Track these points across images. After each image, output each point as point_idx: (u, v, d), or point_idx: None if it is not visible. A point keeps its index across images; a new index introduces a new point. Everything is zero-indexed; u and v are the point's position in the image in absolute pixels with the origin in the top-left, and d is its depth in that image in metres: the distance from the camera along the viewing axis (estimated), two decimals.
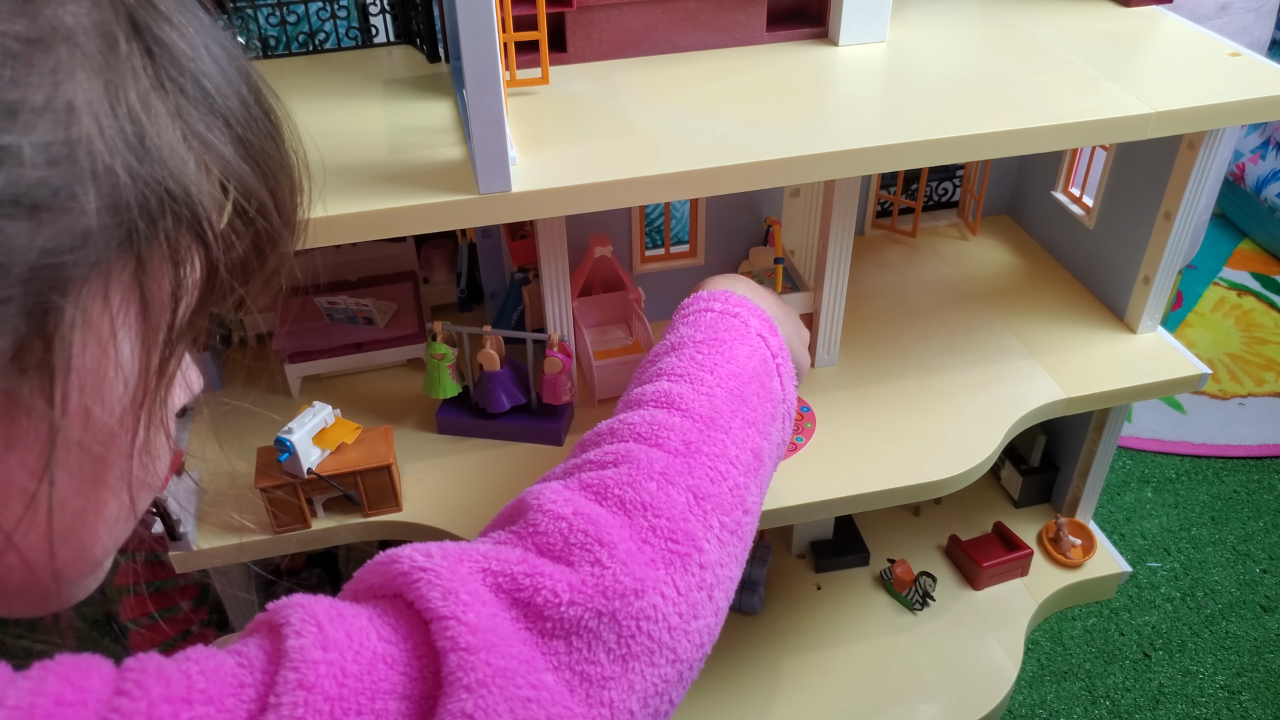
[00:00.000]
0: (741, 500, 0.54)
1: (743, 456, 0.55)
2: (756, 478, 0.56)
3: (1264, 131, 1.96)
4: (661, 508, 0.49)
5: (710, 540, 0.50)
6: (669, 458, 0.52)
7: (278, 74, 0.82)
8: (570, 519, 0.47)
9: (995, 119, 0.70)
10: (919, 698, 0.94)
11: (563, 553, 0.46)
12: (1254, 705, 1.09)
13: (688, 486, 0.51)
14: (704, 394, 0.57)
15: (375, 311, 0.91)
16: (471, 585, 0.43)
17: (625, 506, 0.49)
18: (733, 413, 0.56)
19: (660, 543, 0.48)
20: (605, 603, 0.45)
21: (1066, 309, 0.98)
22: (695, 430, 0.54)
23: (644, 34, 0.80)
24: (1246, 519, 1.32)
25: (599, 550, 0.46)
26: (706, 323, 0.62)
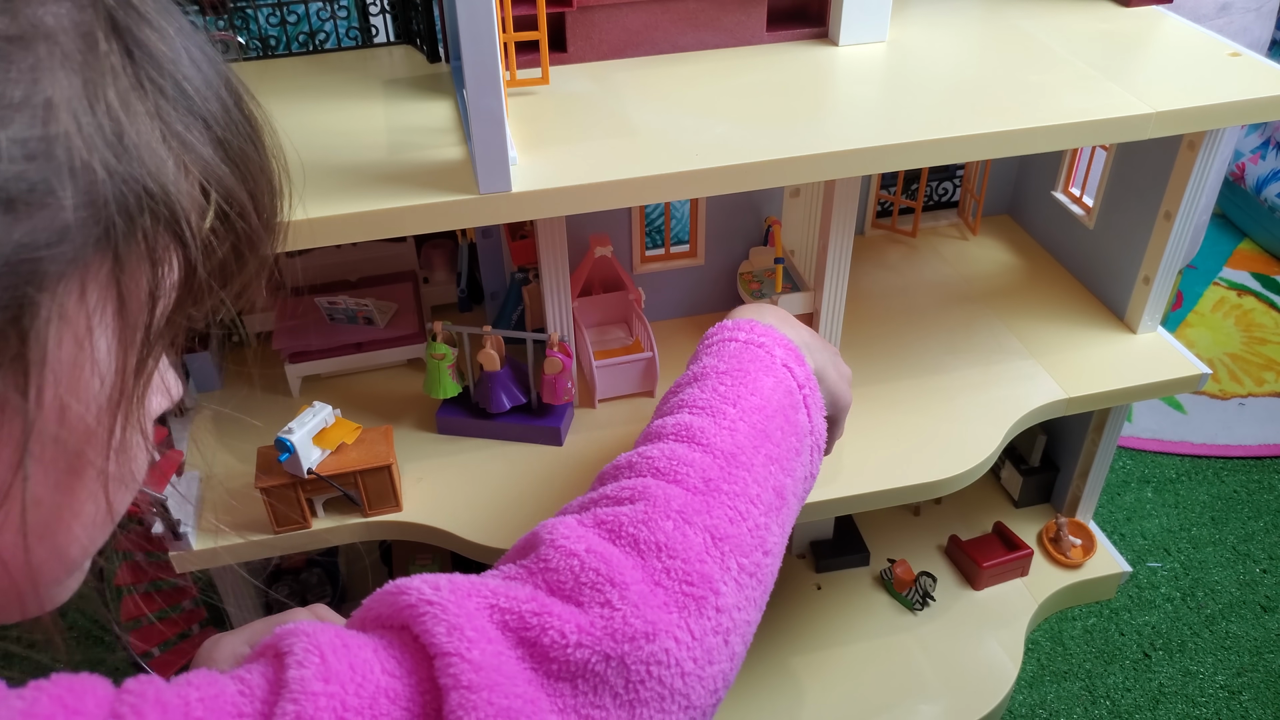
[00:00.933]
0: (762, 541, 0.52)
1: (764, 495, 0.54)
2: (778, 517, 0.54)
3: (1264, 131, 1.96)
4: (677, 548, 0.48)
5: (728, 583, 0.49)
6: (687, 495, 0.51)
7: (278, 74, 0.83)
8: (583, 556, 0.46)
9: (995, 119, 0.70)
10: (919, 698, 0.94)
11: (573, 592, 0.45)
12: (1254, 705, 1.09)
13: (706, 526, 0.50)
14: (726, 428, 0.55)
15: (375, 311, 0.91)
16: (478, 621, 0.42)
17: (639, 546, 0.48)
18: (755, 448, 0.55)
19: (675, 585, 0.47)
20: (614, 646, 0.43)
21: (1066, 309, 0.98)
22: (715, 467, 0.53)
23: (644, 34, 0.80)
24: (1247, 519, 1.32)
25: (610, 591, 0.45)
26: (730, 353, 0.61)
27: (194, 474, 0.79)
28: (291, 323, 0.92)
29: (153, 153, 0.32)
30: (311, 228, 0.61)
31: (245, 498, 0.77)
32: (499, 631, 0.43)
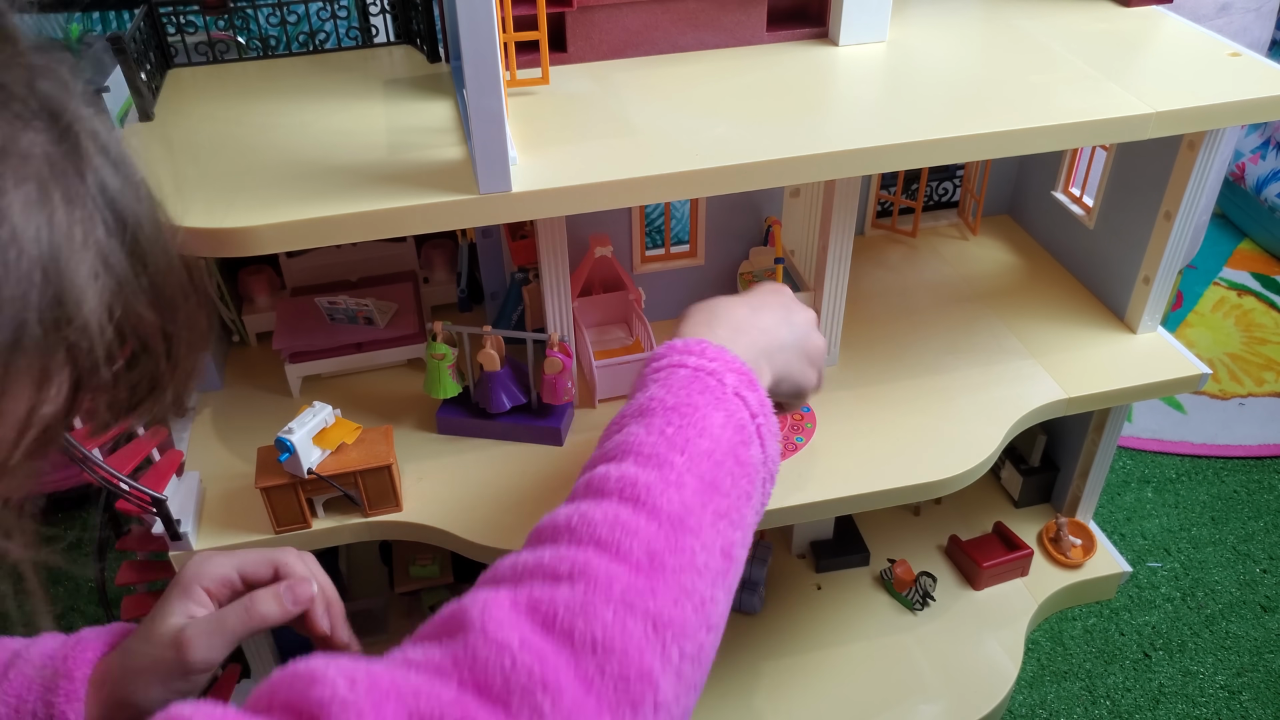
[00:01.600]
0: (706, 618, 0.49)
1: (712, 563, 0.50)
2: (725, 581, 0.51)
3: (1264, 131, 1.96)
4: (614, 644, 0.44)
5: (668, 676, 0.45)
6: (630, 576, 0.47)
7: (278, 74, 0.83)
8: (515, 653, 0.43)
9: (995, 119, 0.70)
10: (919, 698, 0.94)
11: (502, 694, 0.42)
12: (1254, 705, 1.09)
13: (647, 614, 0.46)
14: (673, 483, 0.51)
15: (375, 311, 0.91)
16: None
17: (574, 642, 0.44)
18: (703, 506, 0.52)
19: (607, 685, 0.43)
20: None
21: (1067, 309, 0.98)
22: (661, 537, 0.49)
23: (644, 34, 0.80)
24: (1247, 519, 1.32)
25: (541, 697, 0.41)
26: (678, 382, 0.57)
27: (194, 474, 0.79)
28: (291, 323, 0.92)
29: (79, 281, 0.33)
30: (311, 228, 0.61)
31: (245, 498, 0.78)
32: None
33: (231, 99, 0.78)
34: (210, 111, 0.76)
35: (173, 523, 0.72)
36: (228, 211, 0.61)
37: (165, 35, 0.82)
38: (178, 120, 0.75)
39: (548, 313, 0.81)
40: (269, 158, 0.68)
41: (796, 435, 0.83)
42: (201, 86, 0.81)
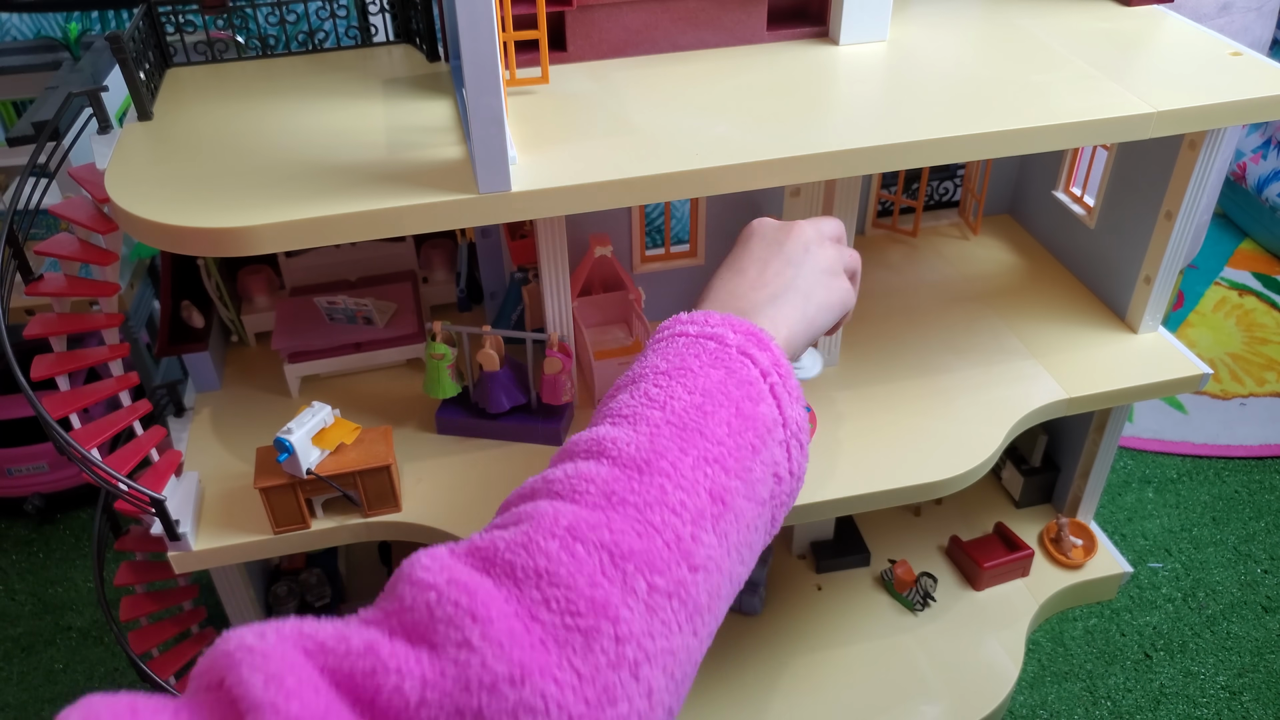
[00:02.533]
0: (687, 554, 0.44)
1: (692, 501, 0.46)
2: (717, 525, 0.47)
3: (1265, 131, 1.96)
4: (560, 573, 0.41)
5: (632, 606, 0.41)
6: (579, 510, 0.44)
7: (277, 73, 0.82)
8: (441, 588, 0.40)
9: (996, 118, 0.70)
10: (920, 698, 0.93)
11: (427, 631, 0.39)
12: (1255, 706, 1.09)
13: (600, 544, 0.42)
14: (645, 434, 0.48)
15: (375, 311, 0.91)
16: (302, 671, 0.36)
17: (515, 574, 0.41)
18: (681, 450, 0.48)
19: (554, 617, 0.40)
20: (467, 698, 0.37)
21: (1067, 309, 0.98)
22: (620, 478, 0.46)
23: (644, 33, 0.80)
24: (1248, 519, 1.31)
25: (470, 627, 0.38)
26: (675, 350, 0.54)
27: (193, 474, 0.79)
28: (290, 323, 0.91)
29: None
30: (311, 227, 0.61)
31: (244, 498, 0.77)
32: (331, 688, 0.37)
33: (230, 98, 0.78)
34: (209, 111, 0.76)
35: (171, 523, 0.72)
36: (227, 211, 0.61)
37: (164, 34, 0.82)
38: (176, 119, 0.75)
39: (547, 313, 0.81)
40: (268, 157, 0.68)
41: None
42: (200, 86, 0.81)
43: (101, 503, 0.86)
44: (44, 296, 0.74)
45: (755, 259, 0.61)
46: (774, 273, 0.60)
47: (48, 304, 0.76)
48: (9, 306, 0.71)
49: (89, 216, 0.74)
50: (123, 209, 0.63)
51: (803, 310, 0.59)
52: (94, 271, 0.78)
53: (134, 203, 0.63)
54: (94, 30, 1.53)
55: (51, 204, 0.76)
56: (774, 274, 0.60)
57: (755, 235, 0.63)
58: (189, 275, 0.91)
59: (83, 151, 0.88)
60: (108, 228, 0.74)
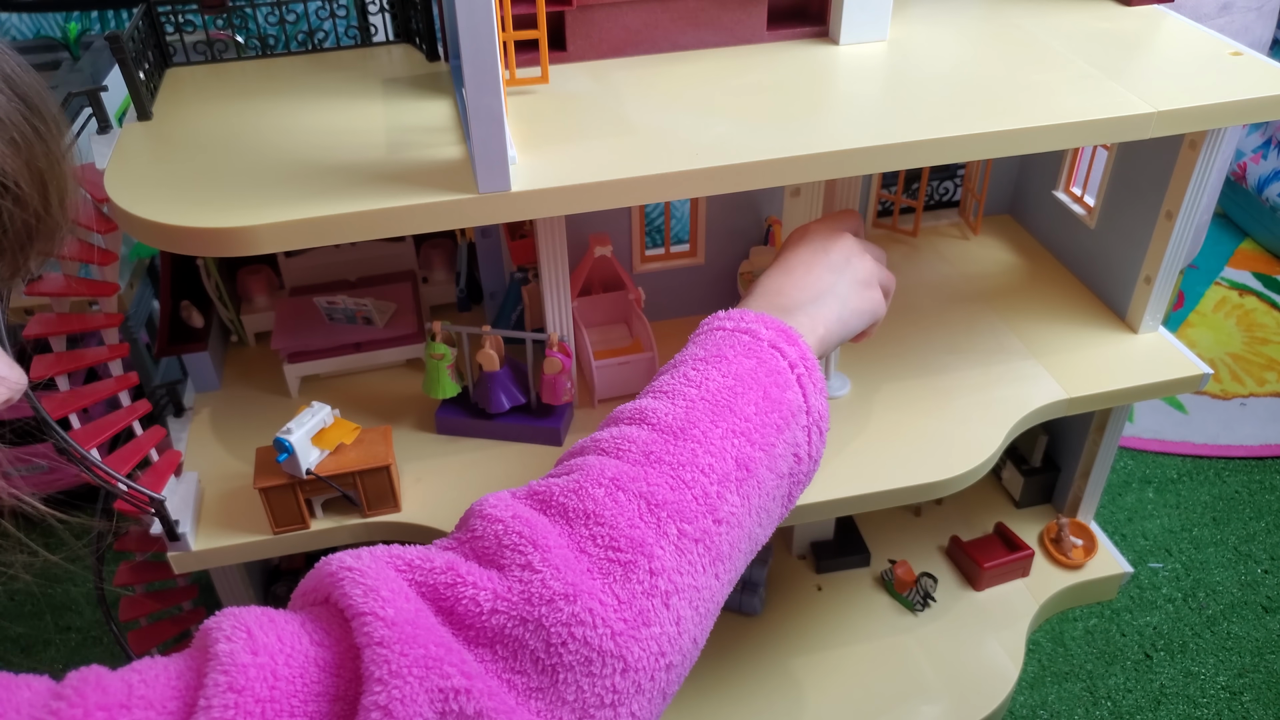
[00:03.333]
0: (713, 508, 0.51)
1: (719, 465, 0.53)
2: (740, 487, 0.53)
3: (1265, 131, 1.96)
4: (605, 515, 0.48)
5: (664, 547, 0.48)
6: (623, 465, 0.51)
7: (277, 73, 0.82)
8: (508, 522, 0.47)
9: (996, 118, 0.70)
10: (920, 699, 0.93)
11: (495, 555, 0.46)
12: (1255, 706, 1.09)
13: (639, 493, 0.50)
14: (681, 407, 0.55)
15: (374, 311, 0.91)
16: (394, 584, 0.43)
17: (567, 514, 0.48)
18: (712, 422, 0.54)
19: (600, 551, 0.47)
20: (530, 610, 0.44)
21: (1068, 309, 0.98)
22: (658, 441, 0.53)
23: (644, 33, 0.80)
24: (1248, 519, 1.31)
25: (532, 554, 0.45)
26: (714, 341, 0.61)
27: (192, 474, 0.79)
28: (290, 323, 0.91)
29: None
30: (310, 227, 0.61)
31: (244, 498, 0.77)
32: (418, 595, 0.44)
33: (230, 98, 0.78)
34: (208, 111, 0.76)
35: (171, 523, 0.72)
36: (226, 211, 0.61)
37: (163, 34, 0.82)
38: (176, 119, 0.75)
39: (547, 313, 0.81)
40: (267, 157, 0.68)
41: None
42: (200, 86, 0.80)
43: (101, 503, 0.86)
44: (43, 296, 0.74)
45: (802, 261, 0.69)
46: (816, 277, 0.67)
47: (47, 304, 0.75)
48: (8, 306, 0.71)
49: (88, 216, 0.74)
50: (122, 209, 0.63)
51: (839, 313, 0.67)
52: (93, 271, 0.78)
53: (133, 202, 0.63)
54: (93, 30, 1.53)
55: None
56: (816, 278, 0.67)
57: (805, 240, 0.71)
58: (189, 275, 0.91)
59: (82, 151, 0.88)
60: (107, 227, 0.74)
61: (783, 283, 0.67)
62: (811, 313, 0.65)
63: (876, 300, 0.71)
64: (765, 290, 0.67)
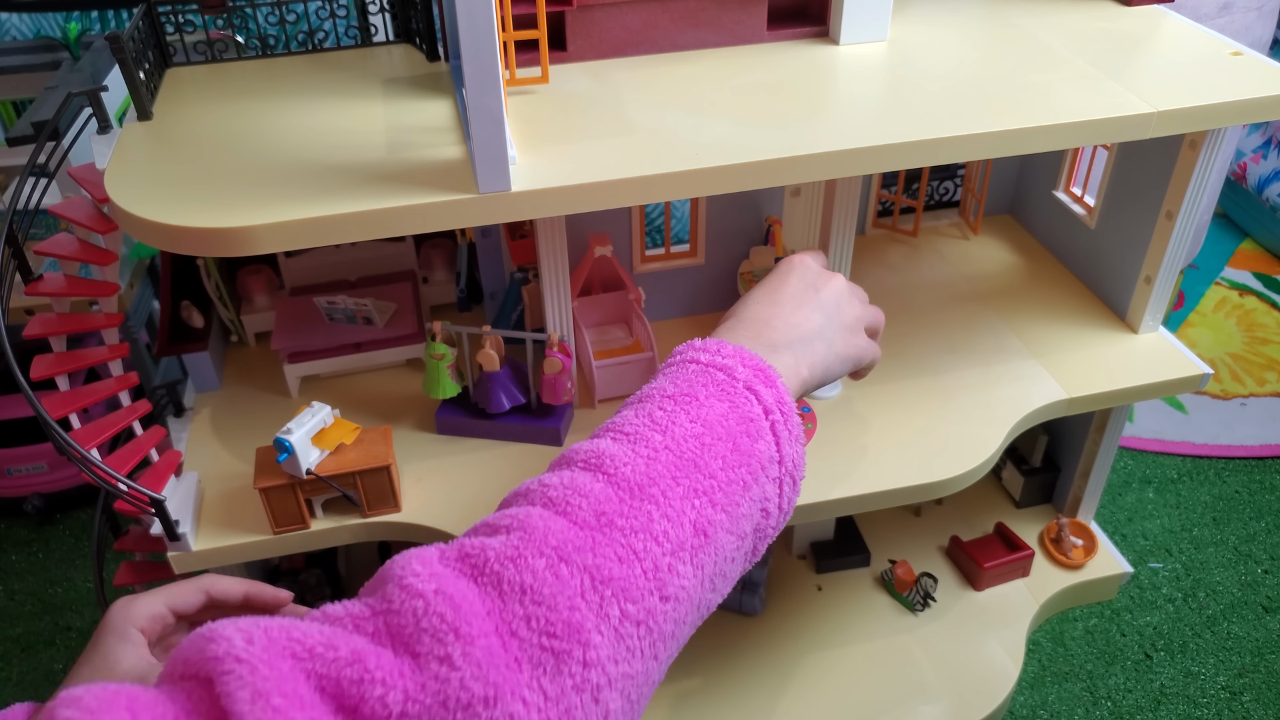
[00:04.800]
0: (660, 585, 0.47)
1: (674, 532, 0.48)
2: (695, 556, 0.49)
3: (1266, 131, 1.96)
4: (544, 593, 0.43)
5: (603, 633, 0.44)
6: (571, 529, 0.46)
7: (277, 73, 0.82)
8: (429, 598, 0.41)
9: (996, 118, 0.70)
10: (920, 698, 0.93)
11: (411, 640, 0.41)
12: (1255, 706, 1.09)
13: (585, 567, 0.44)
14: (644, 457, 0.50)
15: (374, 311, 0.91)
16: (289, 686, 0.38)
17: (501, 586, 0.43)
18: (674, 480, 0.49)
19: (532, 636, 0.42)
20: (444, 714, 0.39)
21: (1068, 309, 0.98)
22: (615, 499, 0.48)
23: (644, 33, 0.80)
24: (1248, 519, 1.31)
25: (453, 644, 0.40)
26: (686, 376, 0.56)
27: (192, 474, 0.79)
28: (290, 323, 0.91)
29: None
30: (310, 227, 0.61)
31: (244, 498, 0.77)
32: (316, 696, 0.38)
33: (230, 98, 0.78)
34: (209, 111, 0.76)
35: (171, 523, 0.72)
36: (226, 211, 0.61)
37: (164, 34, 0.82)
38: (176, 119, 0.75)
39: (547, 313, 0.81)
40: (268, 157, 0.68)
41: None
42: (200, 86, 0.80)
43: (101, 502, 0.86)
44: (43, 296, 0.74)
45: (791, 296, 0.66)
46: (805, 315, 0.65)
47: (47, 304, 0.75)
48: (9, 306, 0.71)
49: (89, 216, 0.74)
50: (122, 209, 0.63)
51: (824, 356, 0.64)
52: (94, 271, 0.78)
53: (134, 203, 0.63)
54: (93, 30, 1.54)
55: (51, 204, 0.76)
56: (805, 316, 0.65)
57: (795, 273, 0.68)
58: (189, 275, 0.91)
59: (82, 151, 0.88)
60: (107, 228, 0.74)
61: (771, 314, 0.63)
62: (798, 352, 0.62)
63: (863, 346, 0.69)
64: (752, 319, 0.63)
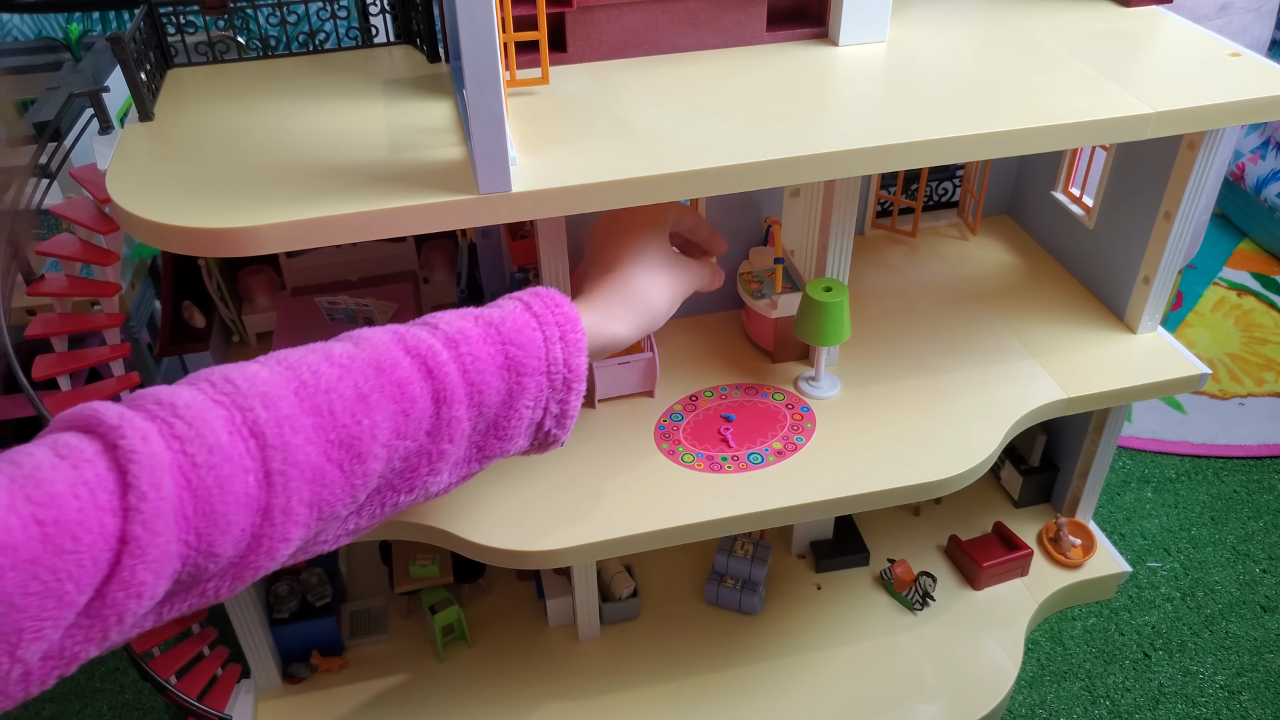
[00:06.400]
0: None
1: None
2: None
3: (1264, 131, 1.96)
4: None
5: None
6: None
7: (278, 74, 0.82)
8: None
9: (995, 119, 0.70)
10: (919, 698, 0.94)
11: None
12: (1254, 705, 1.09)
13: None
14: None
15: (375, 311, 0.91)
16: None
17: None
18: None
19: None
20: None
21: (1066, 309, 0.98)
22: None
23: (644, 34, 0.80)
24: (1246, 519, 1.32)
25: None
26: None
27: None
28: (291, 323, 0.91)
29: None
30: (311, 228, 0.61)
31: None
32: None
33: (231, 99, 0.78)
34: (210, 111, 0.76)
35: None
36: (228, 211, 0.61)
37: (165, 35, 0.82)
38: (178, 120, 0.75)
39: None
40: (269, 157, 0.68)
41: (796, 435, 0.83)
42: (201, 86, 0.81)
43: None
44: (45, 297, 0.74)
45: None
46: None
47: (49, 304, 0.76)
48: (10, 307, 0.71)
49: (90, 217, 0.74)
50: (124, 209, 0.63)
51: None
52: (95, 272, 0.78)
53: (135, 203, 0.63)
54: (95, 31, 1.54)
55: (53, 204, 0.76)
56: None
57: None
58: (190, 275, 0.91)
59: (84, 152, 0.88)
60: (109, 228, 0.74)
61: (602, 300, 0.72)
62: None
63: (615, 341, 0.71)
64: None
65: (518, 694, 0.95)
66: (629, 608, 1.01)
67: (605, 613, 0.99)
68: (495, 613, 1.02)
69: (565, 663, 0.98)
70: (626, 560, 1.03)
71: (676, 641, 0.99)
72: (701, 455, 0.82)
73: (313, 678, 0.96)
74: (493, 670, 0.97)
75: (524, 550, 0.75)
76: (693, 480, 0.80)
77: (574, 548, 0.75)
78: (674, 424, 0.85)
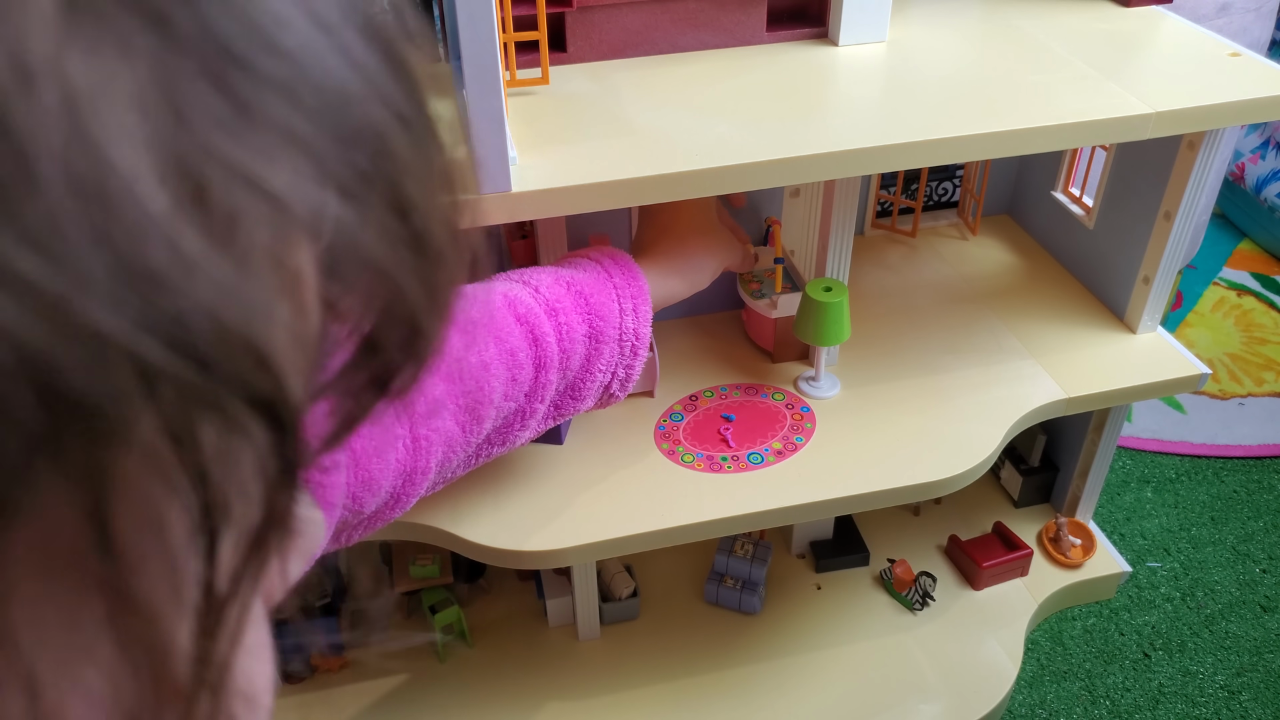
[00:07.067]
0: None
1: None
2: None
3: (1264, 131, 1.96)
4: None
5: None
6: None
7: None
8: None
9: (995, 119, 0.70)
10: (919, 698, 0.94)
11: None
12: (1254, 705, 1.09)
13: None
14: None
15: None
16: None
17: None
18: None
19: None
20: None
21: (1066, 309, 0.98)
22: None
23: (644, 34, 0.80)
24: (1246, 519, 1.32)
25: None
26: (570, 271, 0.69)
27: None
28: None
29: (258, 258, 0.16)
30: None
31: None
32: None
33: None
34: None
35: None
36: None
37: None
38: None
39: None
40: None
41: (796, 435, 0.83)
42: None
43: None
44: None
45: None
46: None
47: None
48: None
49: None
50: None
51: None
52: None
53: None
54: None
55: None
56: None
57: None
58: None
59: None
60: None
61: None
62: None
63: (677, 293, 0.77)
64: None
65: (518, 694, 0.95)
66: (629, 608, 1.01)
67: (605, 613, 0.99)
68: (495, 613, 1.03)
69: (565, 663, 0.98)
70: (626, 560, 1.03)
71: (676, 641, 0.99)
72: (701, 455, 0.82)
73: (313, 678, 0.96)
74: (493, 670, 0.97)
75: (524, 550, 0.75)
76: (693, 480, 0.80)
77: (574, 548, 0.75)
78: (674, 424, 0.85)
